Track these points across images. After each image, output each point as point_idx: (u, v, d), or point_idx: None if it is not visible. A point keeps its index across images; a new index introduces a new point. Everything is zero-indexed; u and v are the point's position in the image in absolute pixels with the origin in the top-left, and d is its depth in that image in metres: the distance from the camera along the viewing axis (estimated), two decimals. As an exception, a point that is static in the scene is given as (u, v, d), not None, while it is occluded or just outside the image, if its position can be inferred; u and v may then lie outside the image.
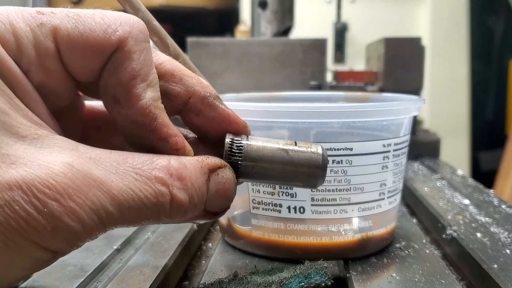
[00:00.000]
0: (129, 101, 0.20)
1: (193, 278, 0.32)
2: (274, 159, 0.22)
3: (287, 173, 0.22)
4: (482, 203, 0.41)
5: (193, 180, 0.20)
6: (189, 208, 0.20)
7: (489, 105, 1.72)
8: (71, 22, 0.20)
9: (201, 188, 0.20)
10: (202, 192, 0.20)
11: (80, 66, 0.21)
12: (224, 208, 0.22)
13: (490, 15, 1.70)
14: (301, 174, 0.22)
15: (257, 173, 0.22)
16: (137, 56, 0.20)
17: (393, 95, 0.38)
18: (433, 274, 0.28)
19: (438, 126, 1.16)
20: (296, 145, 0.23)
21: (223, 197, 0.21)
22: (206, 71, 0.61)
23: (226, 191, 0.21)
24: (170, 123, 0.21)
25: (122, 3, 0.28)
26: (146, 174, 0.19)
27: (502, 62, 1.66)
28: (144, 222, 0.20)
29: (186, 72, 0.23)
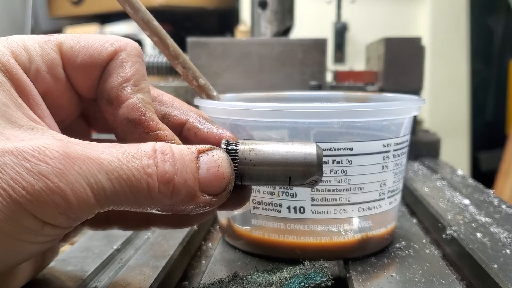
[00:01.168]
0: (120, 101, 0.23)
1: (193, 278, 0.32)
2: (269, 161, 0.23)
3: (283, 173, 0.23)
4: (482, 203, 0.41)
5: (177, 156, 0.21)
6: (180, 184, 0.20)
7: (489, 105, 1.72)
8: (74, 39, 0.23)
9: (189, 164, 0.21)
10: (191, 168, 0.21)
11: (81, 76, 0.23)
12: (222, 188, 0.21)
13: (490, 15, 1.70)
14: (297, 174, 0.23)
15: (254, 175, 0.23)
16: (130, 65, 0.23)
17: (393, 95, 0.38)
18: (433, 274, 0.28)
19: (438, 126, 1.16)
20: (290, 145, 0.23)
21: (217, 176, 0.21)
22: (206, 71, 0.61)
23: (218, 168, 0.21)
24: (158, 120, 0.23)
25: (122, 3, 0.28)
26: (132, 151, 0.20)
27: (502, 62, 1.66)
28: (137, 200, 0.20)
29: (183, 102, 0.26)
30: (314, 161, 0.23)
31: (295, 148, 0.23)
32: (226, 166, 0.22)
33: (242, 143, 0.23)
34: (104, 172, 0.19)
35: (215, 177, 0.21)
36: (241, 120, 0.29)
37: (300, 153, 0.23)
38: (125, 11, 0.28)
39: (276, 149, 0.23)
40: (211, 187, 0.21)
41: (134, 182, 0.19)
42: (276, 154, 0.23)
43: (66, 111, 0.24)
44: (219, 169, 0.21)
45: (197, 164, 0.21)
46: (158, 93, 0.26)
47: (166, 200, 0.20)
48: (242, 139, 0.24)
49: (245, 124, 0.29)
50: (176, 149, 0.21)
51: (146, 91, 0.23)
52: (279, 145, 0.23)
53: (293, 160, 0.23)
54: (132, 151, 0.20)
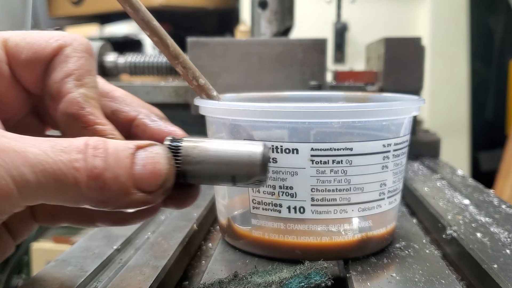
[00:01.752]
0: (61, 95, 0.22)
1: (193, 278, 0.32)
2: (213, 159, 0.22)
3: (227, 172, 0.22)
4: (482, 203, 0.41)
5: (111, 151, 0.20)
6: (110, 179, 0.20)
7: (489, 105, 1.72)
8: (20, 35, 0.23)
9: (123, 160, 0.20)
10: (125, 164, 0.20)
11: (26, 72, 0.23)
12: (157, 185, 0.21)
13: (490, 15, 1.70)
14: (241, 173, 0.22)
15: (197, 173, 0.22)
16: (74, 60, 0.23)
17: (393, 95, 0.38)
18: (433, 274, 0.28)
19: (438, 126, 1.16)
20: (236, 144, 0.23)
21: (153, 172, 0.21)
22: (206, 71, 0.61)
23: (155, 164, 0.21)
24: (99, 115, 0.23)
25: (122, 3, 0.28)
26: (62, 145, 0.20)
27: (502, 62, 1.66)
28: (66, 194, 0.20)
29: (136, 98, 0.26)
30: (258, 161, 0.22)
31: (241, 147, 0.22)
32: (164, 163, 0.21)
33: (187, 140, 0.23)
34: (28, 165, 0.19)
35: (151, 173, 0.21)
36: (241, 120, 0.29)
37: (245, 152, 0.22)
38: (125, 11, 0.28)
39: (221, 147, 0.22)
40: (146, 184, 0.21)
41: (60, 176, 0.19)
42: (221, 152, 0.22)
43: (14, 107, 0.24)
44: (156, 166, 0.21)
45: (132, 160, 0.20)
46: (110, 89, 0.26)
47: (97, 196, 0.20)
48: (189, 137, 0.23)
49: (245, 124, 0.29)
50: (111, 144, 0.20)
51: (91, 86, 0.23)
52: (224, 143, 0.23)
53: (237, 158, 0.22)
54: (63, 145, 0.20)
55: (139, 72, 0.74)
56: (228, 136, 0.31)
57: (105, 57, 0.75)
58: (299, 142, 0.28)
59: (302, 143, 0.28)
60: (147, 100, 0.73)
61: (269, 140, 0.28)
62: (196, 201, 0.41)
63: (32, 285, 0.26)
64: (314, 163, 0.28)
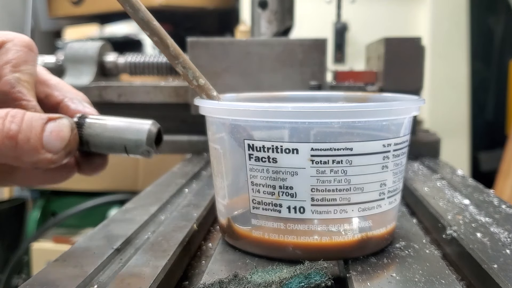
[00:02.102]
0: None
1: (193, 278, 0.32)
2: (109, 131, 0.28)
3: (120, 142, 0.28)
4: (482, 203, 0.41)
5: (26, 119, 0.26)
6: (22, 141, 0.25)
7: (489, 105, 1.72)
8: None
9: (35, 127, 0.26)
10: (36, 130, 0.26)
11: None
12: (61, 147, 0.27)
13: (490, 15, 1.70)
14: (131, 144, 0.28)
15: (96, 142, 0.28)
16: (13, 52, 0.28)
17: (393, 95, 0.38)
18: (433, 274, 0.28)
19: (438, 126, 1.16)
20: (130, 121, 0.28)
21: (58, 137, 0.26)
22: (206, 71, 0.61)
23: (59, 132, 0.26)
24: (27, 94, 0.28)
25: (122, 3, 0.28)
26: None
27: (502, 62, 1.66)
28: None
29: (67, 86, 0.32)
30: (145, 134, 0.27)
31: (133, 123, 0.28)
32: (67, 131, 0.27)
33: (92, 117, 0.29)
34: None
35: (56, 138, 0.26)
36: (241, 120, 0.29)
37: (135, 127, 0.28)
38: (125, 11, 0.28)
39: (117, 123, 0.28)
40: (51, 146, 0.26)
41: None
42: (116, 127, 0.28)
43: None
44: (60, 133, 0.26)
45: (43, 128, 0.26)
46: (48, 78, 0.32)
47: (11, 153, 0.25)
48: (96, 116, 0.29)
49: (245, 124, 0.29)
50: (28, 115, 0.26)
51: (26, 73, 0.28)
52: (121, 121, 0.28)
53: (128, 132, 0.28)
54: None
55: (139, 72, 0.74)
56: (228, 136, 0.31)
57: (105, 57, 0.75)
58: (299, 142, 0.28)
59: (302, 143, 0.28)
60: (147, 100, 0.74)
61: (269, 140, 0.28)
62: (196, 201, 0.42)
63: (32, 285, 0.26)
64: (314, 163, 0.28)
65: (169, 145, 0.69)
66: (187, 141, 0.69)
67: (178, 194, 0.45)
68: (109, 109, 0.74)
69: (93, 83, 0.70)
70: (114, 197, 1.33)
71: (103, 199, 1.32)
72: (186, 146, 0.69)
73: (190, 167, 0.57)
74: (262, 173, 0.29)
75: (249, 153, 0.29)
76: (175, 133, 0.70)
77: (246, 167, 0.30)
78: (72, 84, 0.76)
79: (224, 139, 0.31)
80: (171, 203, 0.43)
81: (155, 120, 0.28)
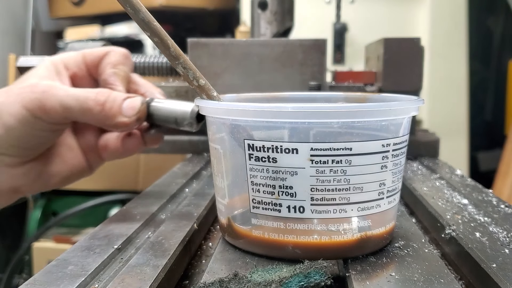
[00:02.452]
0: (102, 72, 0.40)
1: (194, 278, 0.32)
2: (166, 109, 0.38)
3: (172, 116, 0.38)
4: (481, 203, 0.41)
5: (112, 95, 0.36)
6: (107, 108, 0.36)
7: (488, 106, 1.73)
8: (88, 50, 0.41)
9: (117, 100, 0.36)
10: (118, 101, 0.36)
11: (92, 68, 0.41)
12: (134, 114, 0.37)
13: (489, 16, 1.70)
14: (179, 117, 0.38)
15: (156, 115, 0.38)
16: (111, 56, 0.40)
17: (392, 95, 0.39)
18: (432, 273, 0.28)
19: (437, 126, 1.17)
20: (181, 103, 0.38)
21: (132, 107, 0.37)
22: (206, 72, 0.61)
23: (133, 104, 0.37)
24: (118, 83, 0.39)
25: (122, 4, 0.28)
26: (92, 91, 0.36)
27: (501, 62, 1.67)
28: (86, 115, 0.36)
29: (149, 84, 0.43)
30: (189, 110, 0.38)
31: (182, 103, 0.38)
32: (138, 104, 0.37)
33: (156, 100, 0.39)
34: (71, 98, 0.35)
35: (130, 107, 0.37)
36: (241, 120, 0.29)
37: (183, 105, 0.38)
38: (126, 12, 0.28)
39: (172, 103, 0.38)
40: (127, 112, 0.36)
41: (84, 104, 0.35)
42: (171, 104, 0.38)
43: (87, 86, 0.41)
44: (133, 104, 0.37)
45: (122, 101, 0.36)
46: (138, 79, 0.42)
47: (99, 116, 0.36)
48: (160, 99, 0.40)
49: (245, 124, 0.29)
50: (114, 93, 0.37)
51: (121, 69, 0.39)
52: (175, 101, 0.38)
53: (178, 108, 0.38)
54: (92, 91, 0.36)
55: (139, 73, 0.74)
56: (228, 136, 0.31)
57: (105, 58, 0.75)
58: (299, 142, 0.28)
59: (301, 143, 0.28)
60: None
61: (269, 140, 0.29)
62: (196, 201, 0.42)
63: (33, 284, 0.26)
64: (314, 163, 0.28)
65: (169, 145, 0.69)
66: (187, 141, 0.69)
67: (178, 194, 0.45)
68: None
69: (93, 84, 0.70)
70: (115, 197, 1.33)
71: (104, 199, 1.32)
72: (186, 146, 0.69)
73: (191, 167, 0.57)
74: (262, 173, 0.29)
75: (249, 153, 0.29)
76: (176, 133, 0.70)
77: (246, 167, 0.30)
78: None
79: (224, 139, 0.31)
80: (172, 202, 0.43)
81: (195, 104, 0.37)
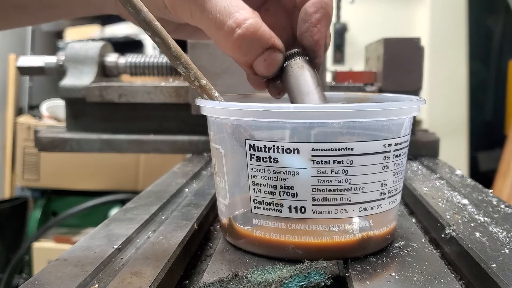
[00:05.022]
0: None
1: (194, 277, 0.32)
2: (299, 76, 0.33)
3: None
4: (481, 203, 0.41)
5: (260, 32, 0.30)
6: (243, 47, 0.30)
7: (487, 105, 1.73)
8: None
9: (256, 47, 0.30)
10: (256, 50, 0.31)
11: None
12: (262, 72, 0.32)
13: (489, 16, 1.71)
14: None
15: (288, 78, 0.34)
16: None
17: (393, 95, 0.39)
18: (432, 274, 0.28)
19: (437, 126, 1.17)
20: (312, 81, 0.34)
21: (266, 66, 0.31)
22: (206, 72, 0.61)
23: (270, 63, 0.31)
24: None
25: (123, 4, 0.28)
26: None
27: (501, 62, 1.67)
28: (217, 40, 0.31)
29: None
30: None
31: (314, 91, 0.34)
32: (275, 65, 0.32)
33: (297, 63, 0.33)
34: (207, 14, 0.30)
35: (264, 65, 0.31)
36: (242, 120, 0.29)
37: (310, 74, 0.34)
38: (127, 11, 0.28)
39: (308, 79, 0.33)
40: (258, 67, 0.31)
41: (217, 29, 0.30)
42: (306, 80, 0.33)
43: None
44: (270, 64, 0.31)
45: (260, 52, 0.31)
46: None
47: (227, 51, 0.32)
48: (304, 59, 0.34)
49: (246, 124, 0.29)
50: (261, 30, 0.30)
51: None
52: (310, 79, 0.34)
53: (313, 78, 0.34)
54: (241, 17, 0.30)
55: (139, 73, 0.74)
56: (229, 136, 0.31)
57: (105, 58, 0.75)
58: (300, 142, 0.28)
59: (303, 143, 0.28)
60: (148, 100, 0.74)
61: (270, 140, 0.29)
62: (196, 201, 0.42)
63: (33, 284, 0.26)
64: (315, 163, 0.28)
65: (169, 145, 0.69)
66: (187, 141, 0.69)
67: (178, 194, 0.45)
68: (110, 109, 0.74)
69: (93, 84, 0.70)
70: (115, 197, 1.34)
71: (104, 199, 1.32)
72: (186, 146, 0.69)
73: (191, 167, 0.57)
74: (263, 173, 0.29)
75: (250, 153, 0.29)
76: (176, 133, 0.70)
77: (247, 167, 0.30)
78: (73, 84, 0.76)
79: (225, 139, 0.31)
80: (172, 202, 0.43)
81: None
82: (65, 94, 0.70)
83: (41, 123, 1.55)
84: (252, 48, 0.30)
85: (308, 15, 0.32)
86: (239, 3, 0.30)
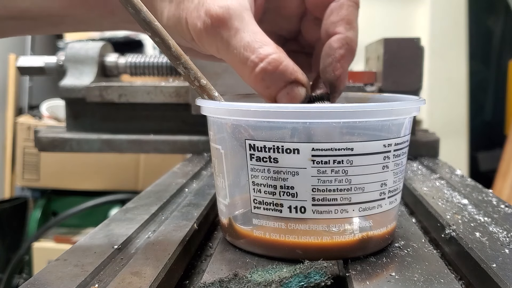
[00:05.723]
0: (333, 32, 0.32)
1: (194, 277, 0.32)
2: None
3: None
4: (481, 203, 0.41)
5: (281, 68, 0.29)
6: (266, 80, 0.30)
7: (487, 105, 1.73)
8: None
9: (278, 81, 0.30)
10: (278, 83, 0.30)
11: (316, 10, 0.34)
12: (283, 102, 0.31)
13: (489, 16, 1.71)
14: None
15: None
16: (346, 7, 0.32)
17: (393, 95, 0.39)
18: (432, 274, 0.28)
19: (437, 126, 1.17)
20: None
21: (288, 99, 0.30)
22: (206, 71, 0.61)
23: (293, 97, 0.30)
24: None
25: (123, 4, 0.28)
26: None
27: (501, 62, 1.67)
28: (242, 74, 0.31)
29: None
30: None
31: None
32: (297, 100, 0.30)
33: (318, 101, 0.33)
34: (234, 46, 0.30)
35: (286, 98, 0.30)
36: (242, 120, 0.29)
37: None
38: (127, 11, 0.28)
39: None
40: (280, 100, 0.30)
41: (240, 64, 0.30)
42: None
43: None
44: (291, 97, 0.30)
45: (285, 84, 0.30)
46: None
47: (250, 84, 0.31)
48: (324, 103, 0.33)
49: (246, 124, 0.29)
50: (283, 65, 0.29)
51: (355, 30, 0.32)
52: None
53: None
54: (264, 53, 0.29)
55: (139, 73, 0.74)
56: (229, 136, 0.31)
57: (105, 58, 0.75)
58: (300, 142, 0.28)
59: (303, 143, 0.28)
60: (148, 100, 0.74)
61: (270, 140, 0.29)
62: (196, 201, 0.42)
63: (33, 284, 0.26)
64: (315, 163, 0.28)
65: (169, 145, 0.69)
66: (187, 141, 0.69)
67: (178, 194, 0.45)
68: (110, 109, 0.74)
69: (93, 84, 0.70)
70: (115, 197, 1.34)
71: (104, 199, 1.32)
72: (186, 146, 0.69)
73: (191, 167, 0.57)
74: (263, 173, 0.29)
75: (250, 153, 0.29)
76: (176, 133, 0.70)
77: (247, 167, 0.30)
78: (73, 84, 0.76)
79: (225, 139, 0.31)
80: (172, 202, 0.43)
81: None
82: (65, 94, 0.70)
83: (41, 123, 1.55)
84: (274, 82, 0.30)
85: (333, 49, 0.32)
86: (264, 39, 0.30)
